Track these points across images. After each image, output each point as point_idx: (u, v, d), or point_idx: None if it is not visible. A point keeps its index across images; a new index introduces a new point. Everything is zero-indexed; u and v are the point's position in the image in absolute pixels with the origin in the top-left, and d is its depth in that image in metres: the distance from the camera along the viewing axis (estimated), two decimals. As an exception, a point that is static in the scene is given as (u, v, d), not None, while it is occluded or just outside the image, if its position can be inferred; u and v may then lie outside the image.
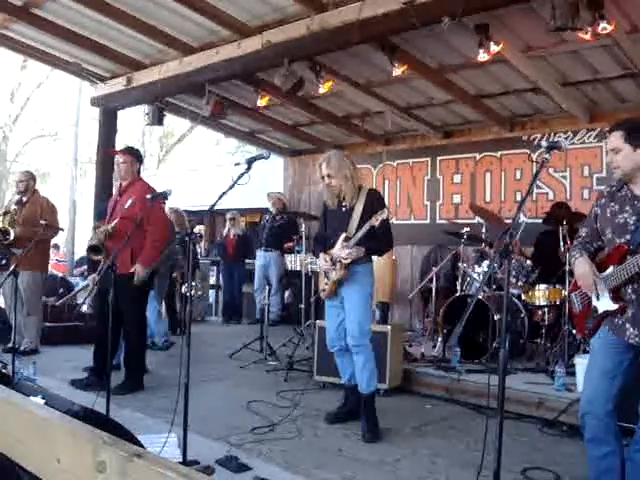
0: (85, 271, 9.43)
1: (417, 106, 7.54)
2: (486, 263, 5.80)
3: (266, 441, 3.59)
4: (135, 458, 1.06)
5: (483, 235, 6.21)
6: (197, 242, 10.37)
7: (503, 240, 2.26)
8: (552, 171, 7.16)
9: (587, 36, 4.56)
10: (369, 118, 8.14)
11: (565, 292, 5.08)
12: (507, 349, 2.25)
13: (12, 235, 5.74)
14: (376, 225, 3.71)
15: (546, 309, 5.43)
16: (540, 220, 6.22)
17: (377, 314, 6.12)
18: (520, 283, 5.59)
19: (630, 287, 2.56)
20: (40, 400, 2.13)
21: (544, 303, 5.43)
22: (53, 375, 4.98)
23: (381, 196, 4.15)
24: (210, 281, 10.28)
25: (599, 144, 6.74)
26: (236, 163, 3.41)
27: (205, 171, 14.43)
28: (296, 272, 7.40)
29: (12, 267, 4.64)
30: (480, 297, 5.18)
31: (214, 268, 10.30)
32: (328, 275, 3.93)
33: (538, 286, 5.48)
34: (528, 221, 6.76)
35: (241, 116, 8.51)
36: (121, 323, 4.66)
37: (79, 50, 7.07)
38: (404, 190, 8.64)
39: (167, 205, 6.42)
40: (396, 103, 7.42)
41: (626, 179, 2.64)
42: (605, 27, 4.42)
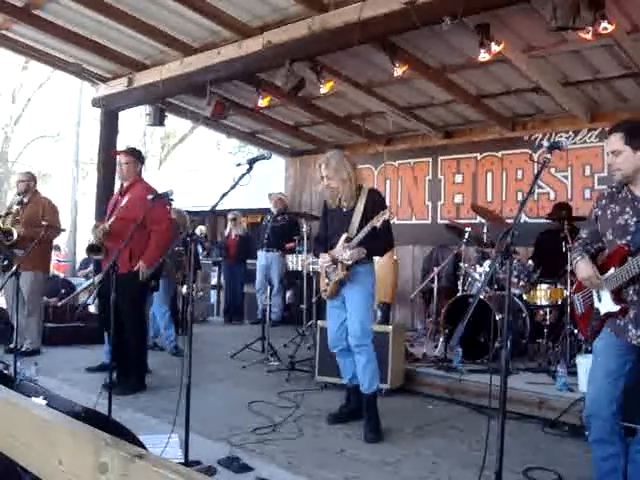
0: (90, 273, 9.42)
1: (418, 106, 7.54)
2: (487, 263, 5.80)
3: (268, 441, 3.59)
4: (137, 459, 1.06)
5: (484, 235, 6.20)
6: (203, 242, 10.36)
7: (504, 240, 2.25)
8: (553, 171, 7.15)
9: (588, 36, 4.56)
10: (370, 118, 8.15)
11: (567, 292, 5.07)
12: (509, 349, 2.24)
13: (15, 235, 5.74)
14: (377, 226, 3.71)
15: (548, 309, 5.43)
16: (541, 220, 6.22)
17: (379, 314, 6.12)
18: (522, 283, 5.59)
19: (631, 288, 2.56)
20: (42, 401, 2.13)
21: (546, 303, 5.43)
22: (54, 376, 4.99)
23: (382, 196, 4.13)
24: (212, 281, 10.29)
25: (600, 144, 6.72)
26: (237, 163, 3.40)
27: (206, 171, 14.44)
28: (297, 272, 7.40)
29: (14, 268, 4.64)
30: (482, 297, 5.18)
31: (215, 268, 10.31)
32: (329, 276, 3.93)
33: (540, 286, 5.48)
34: (528, 221, 6.77)
35: (242, 116, 8.51)
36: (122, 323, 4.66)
37: (80, 51, 7.08)
38: (405, 190, 8.64)
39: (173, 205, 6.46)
40: (397, 103, 7.42)
41: (626, 181, 2.63)
42: (606, 27, 4.41)
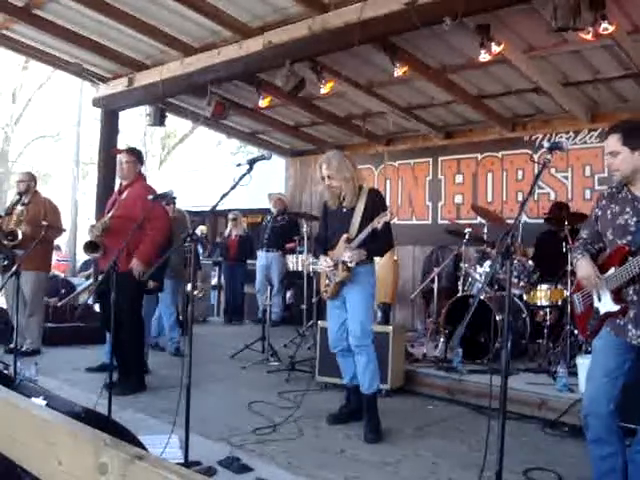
0: (92, 274, 9.40)
1: (418, 106, 7.54)
2: (488, 263, 5.80)
3: (268, 442, 3.59)
4: (136, 460, 1.06)
5: (485, 235, 6.20)
6: (204, 243, 10.36)
7: (505, 241, 2.25)
8: (554, 171, 7.15)
9: (588, 36, 4.56)
10: (370, 118, 8.15)
11: (567, 292, 5.07)
12: (509, 349, 2.24)
13: (20, 236, 5.73)
14: (378, 228, 3.71)
15: (548, 309, 5.43)
16: (541, 220, 6.22)
17: (379, 315, 6.11)
18: (522, 283, 5.59)
19: (632, 288, 2.56)
20: (41, 401, 2.13)
21: (546, 303, 5.43)
22: (55, 376, 4.98)
23: (382, 196, 4.13)
24: (212, 282, 10.29)
25: (601, 144, 6.71)
26: (238, 164, 3.39)
27: (206, 172, 14.44)
28: (298, 273, 7.40)
29: (14, 267, 4.64)
30: (482, 297, 5.18)
31: (216, 269, 10.31)
32: (330, 276, 3.93)
33: (540, 286, 5.48)
34: (528, 221, 6.76)
35: (242, 117, 8.51)
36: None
37: (80, 51, 7.08)
38: (405, 190, 8.64)
39: (175, 205, 6.49)
40: (397, 103, 7.42)
41: (626, 181, 2.63)
42: (606, 27, 4.42)
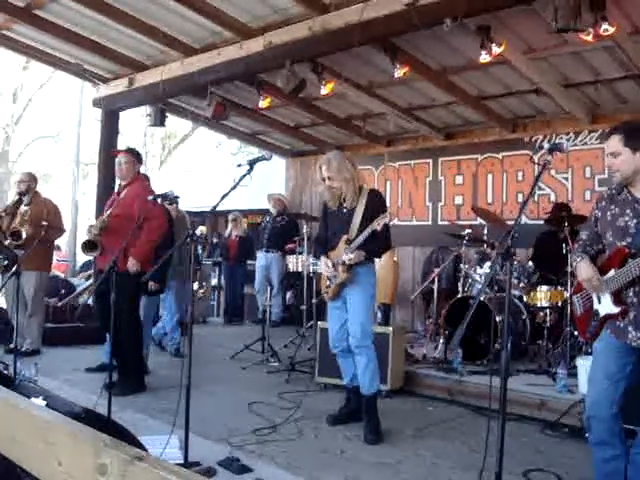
0: (92, 275, 9.39)
1: (419, 107, 7.54)
2: (488, 264, 5.79)
3: (268, 442, 3.59)
4: (136, 461, 1.06)
5: (485, 236, 6.20)
6: (205, 244, 10.36)
7: (505, 242, 2.25)
8: (554, 172, 7.14)
9: (589, 37, 4.55)
10: (371, 119, 8.15)
11: (567, 294, 5.07)
12: (509, 351, 2.24)
13: (24, 235, 5.72)
14: (377, 229, 3.71)
15: (548, 311, 5.43)
16: (541, 221, 6.22)
17: (379, 315, 6.11)
18: (522, 284, 5.59)
19: (632, 290, 2.55)
20: (41, 401, 2.13)
21: (546, 305, 5.42)
22: (55, 376, 4.98)
23: (382, 197, 4.13)
24: (212, 282, 10.29)
25: (601, 145, 6.71)
26: (238, 164, 3.40)
27: (207, 172, 14.43)
28: (298, 273, 7.40)
29: (14, 267, 4.64)
30: (482, 298, 5.18)
31: (216, 269, 10.31)
32: (331, 278, 3.93)
33: (540, 287, 5.48)
34: (528, 222, 6.76)
35: (243, 117, 8.51)
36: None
37: (81, 51, 7.08)
38: (406, 191, 8.64)
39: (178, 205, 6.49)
40: (398, 104, 7.42)
41: (626, 182, 2.63)
42: (607, 28, 4.41)
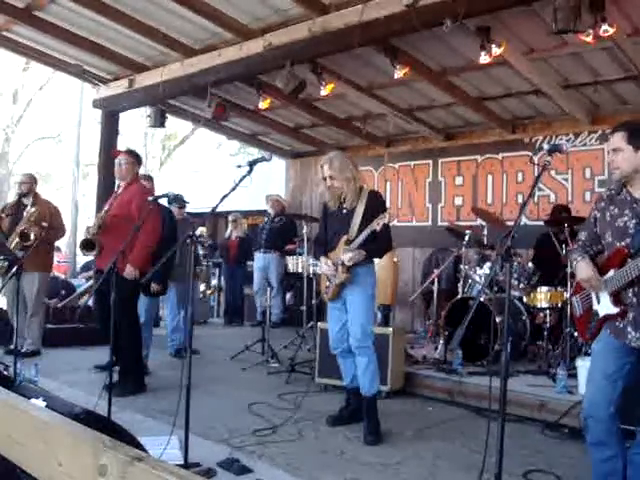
0: (92, 276, 9.39)
1: (419, 108, 7.55)
2: (488, 265, 5.79)
3: (267, 443, 3.59)
4: (136, 462, 1.06)
5: (485, 238, 6.20)
6: (205, 244, 10.35)
7: (505, 243, 2.26)
8: (554, 173, 7.14)
9: (589, 38, 4.56)
10: (371, 120, 8.15)
11: (567, 295, 5.07)
12: (509, 351, 2.24)
13: (32, 237, 5.71)
14: (377, 229, 3.71)
15: (548, 311, 5.42)
16: (541, 222, 6.22)
17: (379, 316, 6.11)
18: (522, 285, 5.59)
19: (631, 290, 2.56)
20: (41, 402, 2.13)
21: (546, 305, 5.42)
22: (55, 377, 4.99)
23: (382, 198, 4.12)
24: (212, 283, 10.28)
25: (601, 146, 6.72)
26: (238, 165, 3.39)
27: (207, 173, 14.43)
28: (297, 274, 7.40)
29: (14, 268, 4.64)
30: (482, 299, 5.18)
31: (216, 270, 10.31)
32: (331, 278, 3.93)
33: (540, 288, 5.47)
34: (528, 223, 6.75)
35: (243, 118, 8.52)
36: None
37: (81, 52, 7.09)
38: (406, 192, 8.64)
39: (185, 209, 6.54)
40: (398, 105, 7.43)
41: (625, 181, 2.64)
42: (607, 29, 4.42)
